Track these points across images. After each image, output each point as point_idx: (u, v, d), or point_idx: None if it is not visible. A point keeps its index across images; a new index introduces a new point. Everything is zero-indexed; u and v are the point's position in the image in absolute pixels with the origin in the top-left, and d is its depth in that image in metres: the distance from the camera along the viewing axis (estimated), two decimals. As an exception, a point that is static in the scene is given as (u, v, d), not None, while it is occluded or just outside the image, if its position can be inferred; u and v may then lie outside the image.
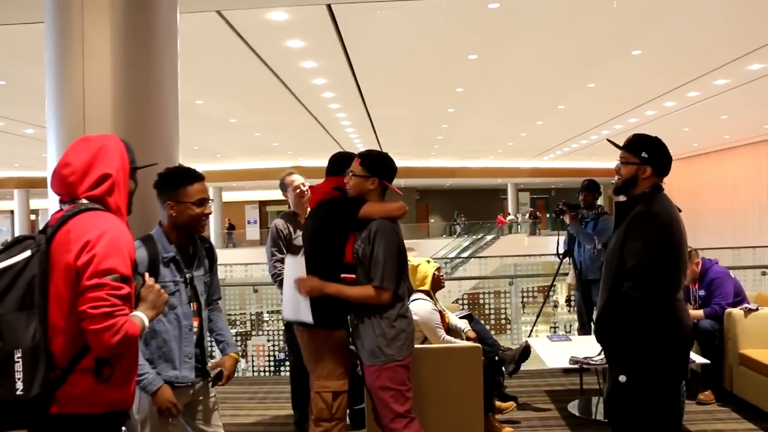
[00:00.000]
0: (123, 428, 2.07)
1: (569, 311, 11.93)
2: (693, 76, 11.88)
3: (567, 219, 6.12)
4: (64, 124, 3.56)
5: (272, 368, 8.49)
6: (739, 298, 5.37)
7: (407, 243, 4.45)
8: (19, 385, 1.83)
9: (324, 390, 3.44)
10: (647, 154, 3.08)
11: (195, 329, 2.86)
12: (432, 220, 43.35)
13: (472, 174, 31.95)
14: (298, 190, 4.60)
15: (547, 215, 39.36)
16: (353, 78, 11.42)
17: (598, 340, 3.20)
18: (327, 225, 3.48)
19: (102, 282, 1.90)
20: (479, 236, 33.53)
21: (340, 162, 3.73)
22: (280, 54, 9.60)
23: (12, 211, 33.52)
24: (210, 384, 2.96)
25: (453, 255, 25.60)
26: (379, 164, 3.39)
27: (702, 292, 5.38)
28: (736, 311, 5.17)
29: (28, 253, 1.95)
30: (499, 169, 31.44)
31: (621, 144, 3.26)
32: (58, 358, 1.94)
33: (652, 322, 2.94)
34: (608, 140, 3.42)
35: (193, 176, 2.82)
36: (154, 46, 3.74)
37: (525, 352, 4.79)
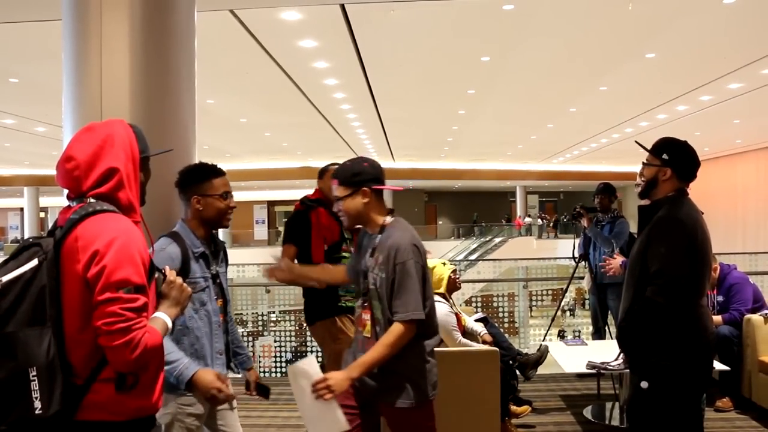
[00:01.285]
0: None
1: (572, 316, 11.90)
2: (706, 80, 11.80)
3: (585, 222, 6.08)
4: (81, 122, 3.51)
5: (281, 369, 8.47)
6: (758, 304, 5.31)
7: None
8: (37, 404, 1.74)
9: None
10: (668, 156, 3.03)
11: (221, 325, 2.83)
12: (440, 222, 43.30)
13: (481, 176, 31.86)
14: None
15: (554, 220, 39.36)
16: (365, 78, 11.39)
17: (620, 345, 3.15)
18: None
19: (115, 296, 1.77)
20: (488, 239, 33.50)
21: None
22: (292, 54, 9.58)
23: (22, 209, 33.62)
24: (263, 396, 3.02)
25: (461, 257, 25.53)
26: (359, 174, 2.81)
27: (720, 298, 5.32)
28: (756, 317, 5.11)
29: (35, 262, 1.82)
30: (508, 171, 31.34)
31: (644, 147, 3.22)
32: (79, 368, 1.84)
33: (676, 328, 2.89)
34: (636, 142, 3.37)
35: (216, 170, 2.86)
36: (172, 45, 3.71)
37: (543, 355, 4.78)
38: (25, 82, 10.97)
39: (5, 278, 1.78)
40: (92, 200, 1.93)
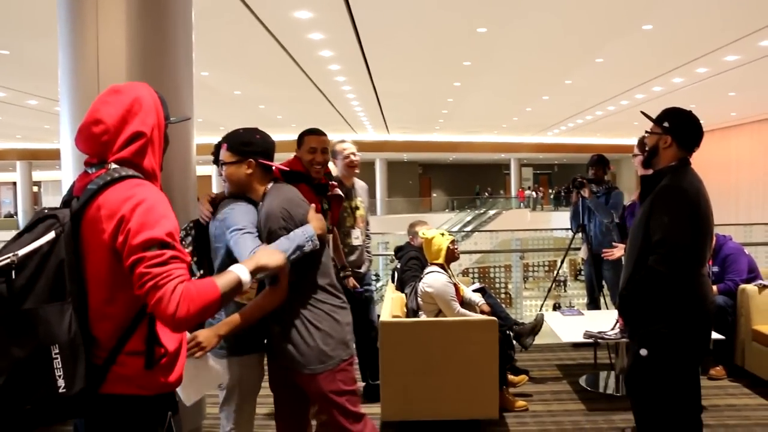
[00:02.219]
0: (169, 413, 1.94)
1: (564, 290, 11.98)
2: (703, 52, 11.77)
3: (586, 192, 6.09)
4: (78, 95, 3.50)
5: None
6: (752, 275, 5.36)
7: (412, 217, 4.30)
8: (61, 382, 1.68)
9: None
10: (669, 124, 3.05)
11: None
12: (435, 195, 43.32)
13: (476, 149, 31.84)
14: (347, 159, 4.55)
15: (550, 191, 39.46)
16: (360, 50, 11.31)
17: (621, 313, 3.19)
18: None
19: (139, 257, 1.70)
20: (482, 211, 33.58)
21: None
22: (288, 25, 9.49)
23: (14, 183, 33.48)
24: None
25: (456, 229, 25.58)
26: (249, 144, 2.71)
27: (716, 268, 5.37)
28: (750, 287, 5.16)
29: (51, 235, 1.74)
30: (503, 144, 31.32)
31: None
32: (104, 342, 1.79)
33: (677, 296, 2.92)
34: (642, 112, 3.38)
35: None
36: (169, 16, 3.68)
37: (539, 323, 4.82)
38: (16, 54, 10.84)
39: (21, 252, 1.70)
40: (113, 166, 1.85)
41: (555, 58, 12.35)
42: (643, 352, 2.99)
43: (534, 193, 38.55)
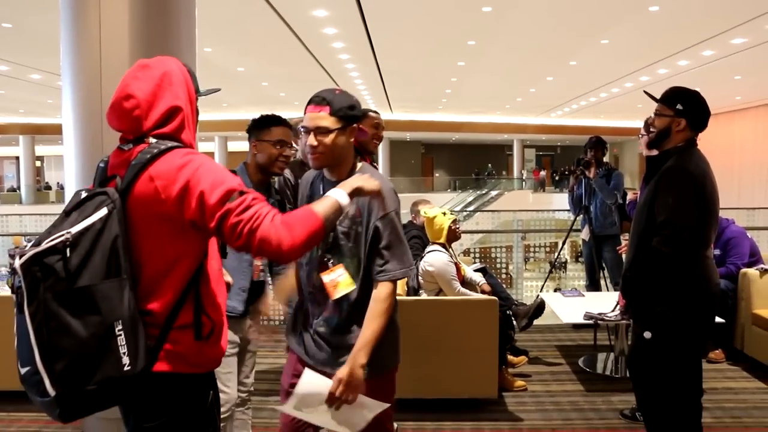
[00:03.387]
0: (211, 392, 1.91)
1: (564, 271, 12.00)
2: (710, 34, 11.68)
3: (591, 173, 6.07)
4: (80, 69, 3.48)
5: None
6: (754, 258, 5.36)
7: (414, 196, 4.21)
8: (126, 359, 1.65)
9: None
10: (682, 106, 3.00)
11: (251, 264, 2.98)
12: (437, 174, 43.27)
13: (479, 129, 31.72)
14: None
15: (554, 174, 39.44)
16: (364, 28, 11.24)
17: (624, 295, 3.18)
18: None
19: (224, 211, 1.69)
20: (484, 191, 33.56)
21: None
22: (292, 2, 9.43)
23: (17, 158, 33.44)
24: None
25: (458, 209, 25.58)
26: (355, 108, 2.32)
27: (717, 252, 5.36)
28: (752, 271, 5.16)
29: (104, 212, 1.70)
30: (506, 125, 31.19)
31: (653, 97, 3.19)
32: (155, 319, 1.77)
33: (681, 278, 2.91)
34: (645, 92, 3.34)
35: (278, 120, 3.06)
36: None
37: (539, 308, 4.80)
38: (19, 27, 10.79)
39: (74, 230, 1.66)
40: (153, 140, 1.82)
41: (560, 39, 12.27)
42: (647, 334, 2.98)
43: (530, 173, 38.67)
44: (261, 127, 3.03)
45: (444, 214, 4.76)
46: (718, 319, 4.58)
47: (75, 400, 1.63)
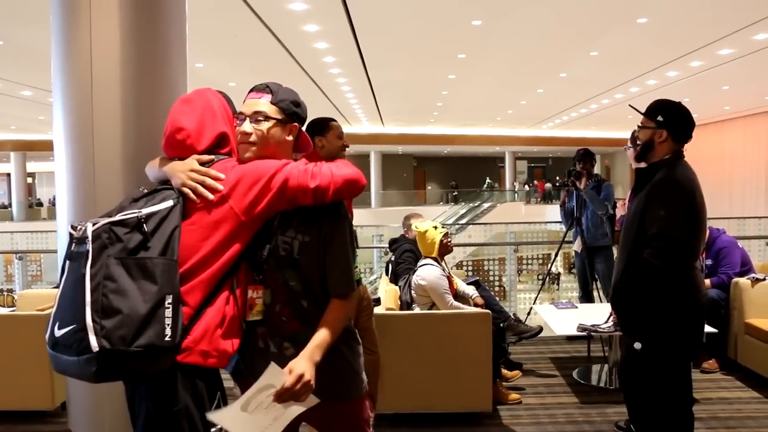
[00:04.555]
0: (219, 392, 2.00)
1: (557, 287, 12.01)
2: (698, 45, 11.77)
3: (581, 183, 6.09)
4: (71, 85, 3.48)
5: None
6: (746, 268, 5.38)
7: (407, 209, 4.21)
8: (168, 331, 1.81)
9: None
10: (663, 118, 3.04)
11: None
12: (429, 187, 43.32)
13: (471, 141, 31.83)
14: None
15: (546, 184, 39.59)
16: (355, 43, 11.28)
17: (615, 307, 3.19)
18: None
19: (288, 175, 1.95)
20: (476, 204, 33.60)
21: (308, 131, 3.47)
22: (282, 17, 9.45)
23: (8, 174, 33.32)
24: None
25: (450, 222, 25.61)
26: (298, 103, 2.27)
27: (709, 261, 5.38)
28: (743, 281, 5.18)
29: (170, 203, 1.95)
30: (498, 137, 31.30)
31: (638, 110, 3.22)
32: (188, 308, 1.91)
33: (671, 290, 2.93)
34: (630, 105, 3.37)
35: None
36: (163, 6, 3.66)
37: (535, 334, 4.85)
38: (11, 44, 10.78)
39: (145, 211, 1.90)
40: (213, 156, 2.07)
41: (550, 51, 12.34)
42: (637, 345, 2.99)
43: (525, 186, 38.87)
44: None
45: (435, 228, 4.76)
46: (710, 329, 4.60)
47: (115, 359, 1.75)
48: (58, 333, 1.79)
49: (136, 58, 3.50)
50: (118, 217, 1.86)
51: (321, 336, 1.97)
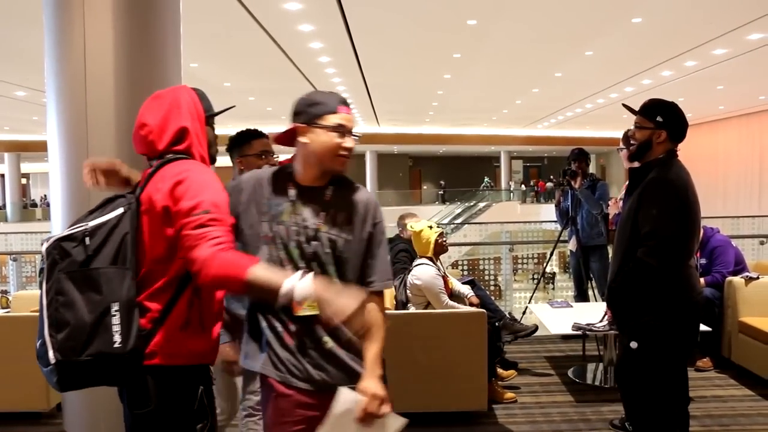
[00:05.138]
0: (201, 387, 2.03)
1: (553, 287, 12.05)
2: (692, 45, 11.82)
3: (576, 183, 6.09)
4: (65, 86, 3.47)
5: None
6: (739, 267, 5.40)
7: (402, 209, 4.22)
8: (117, 338, 1.85)
9: None
10: (662, 119, 3.04)
11: None
12: (425, 187, 43.32)
13: (466, 141, 31.87)
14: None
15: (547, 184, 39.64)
16: (350, 42, 11.28)
17: (610, 306, 3.20)
18: None
19: (184, 222, 1.89)
20: (472, 203, 33.62)
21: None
22: (277, 16, 9.45)
23: (2, 175, 33.21)
24: None
25: (446, 221, 25.63)
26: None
27: (703, 261, 5.40)
28: (737, 279, 5.20)
29: (120, 211, 1.97)
30: (493, 136, 31.33)
31: (632, 110, 3.22)
32: (151, 309, 1.95)
33: (666, 289, 2.94)
34: (624, 105, 3.37)
35: (256, 133, 3.19)
36: (157, 6, 3.66)
37: (531, 333, 4.86)
38: (4, 44, 10.75)
39: (92, 223, 1.94)
40: (170, 155, 2.07)
41: (545, 51, 12.36)
42: (633, 344, 3.00)
43: (521, 186, 38.97)
44: (241, 143, 3.13)
45: (430, 227, 4.77)
46: (704, 328, 4.62)
47: (71, 369, 1.84)
48: (37, 345, 1.89)
49: (129, 58, 3.50)
50: (66, 232, 1.93)
51: (374, 348, 2.08)
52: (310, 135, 2.11)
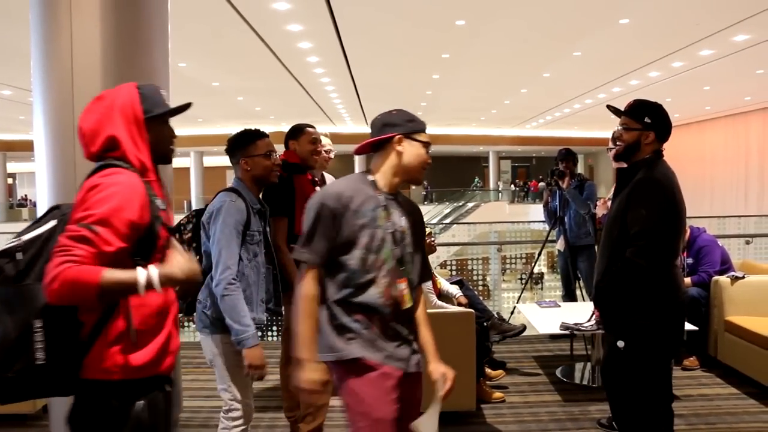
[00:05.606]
0: (142, 401, 1.96)
1: (541, 287, 12.08)
2: (679, 46, 11.91)
3: (564, 183, 6.11)
4: (51, 85, 3.45)
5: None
6: (726, 266, 5.43)
7: None
8: (40, 354, 1.81)
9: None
10: (650, 119, 3.05)
11: (266, 276, 3.12)
12: (413, 187, 43.29)
13: (455, 141, 31.93)
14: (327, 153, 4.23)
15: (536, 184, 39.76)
16: (339, 42, 11.29)
17: (597, 305, 3.21)
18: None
19: (66, 229, 1.80)
20: (461, 203, 33.67)
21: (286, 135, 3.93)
22: (266, 16, 9.45)
23: (-13, 175, 32.90)
24: None
25: (435, 221, 25.66)
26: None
27: (690, 260, 5.43)
28: (723, 279, 5.23)
29: (53, 223, 1.93)
30: (482, 136, 31.46)
31: (617, 111, 3.22)
32: (84, 324, 1.89)
33: (653, 288, 2.95)
34: (608, 106, 3.37)
35: (259, 133, 3.13)
36: (144, 5, 3.64)
37: (519, 333, 4.87)
38: (-11, 43, 10.69)
39: (25, 237, 1.89)
40: (102, 163, 1.99)
41: (533, 51, 12.42)
42: (620, 343, 3.01)
43: (511, 186, 39.11)
44: (245, 144, 3.10)
45: (419, 226, 4.77)
46: (690, 327, 4.65)
47: (2, 384, 1.81)
48: None
49: (117, 57, 3.48)
50: (2, 247, 1.88)
51: (431, 337, 2.57)
52: (405, 145, 2.44)
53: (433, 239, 4.82)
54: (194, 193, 29.70)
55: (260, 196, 3.18)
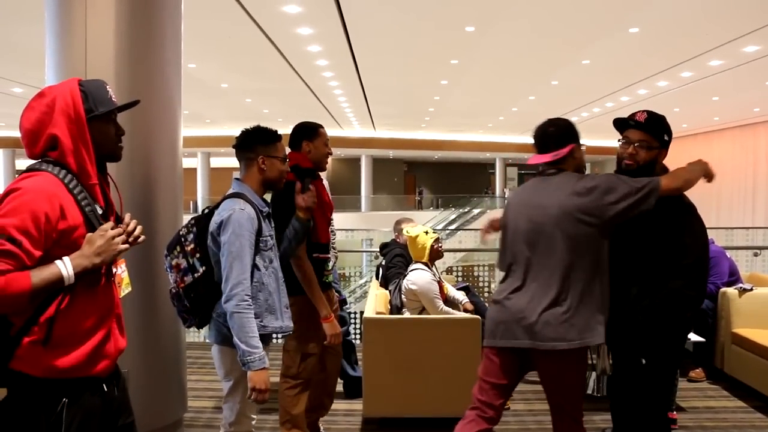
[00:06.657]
0: (65, 399, 1.95)
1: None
2: (688, 56, 11.87)
3: None
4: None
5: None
6: (733, 278, 5.41)
7: (397, 214, 4.22)
8: None
9: (293, 349, 3.48)
10: (668, 137, 2.95)
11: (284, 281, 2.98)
12: (418, 194, 43.30)
13: (461, 147, 31.90)
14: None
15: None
16: (348, 46, 11.30)
17: (630, 325, 2.95)
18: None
19: None
20: (467, 209, 33.63)
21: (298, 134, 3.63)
22: (276, 19, 9.46)
23: (-4, 172, 33.02)
24: None
25: (440, 227, 25.64)
26: None
27: (697, 271, 5.41)
28: (731, 291, 5.21)
29: None
30: (489, 143, 31.38)
31: (616, 121, 3.08)
32: (13, 326, 1.90)
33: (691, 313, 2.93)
34: (614, 122, 3.13)
35: (278, 134, 2.92)
36: (158, 7, 3.67)
37: None
38: (2, 40, 10.72)
39: None
40: (34, 164, 1.96)
41: (542, 59, 12.41)
42: (644, 360, 2.93)
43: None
44: (267, 142, 2.88)
45: (426, 233, 4.77)
46: (697, 338, 4.63)
47: None
48: None
49: (130, 58, 3.51)
50: None
51: None
52: (577, 154, 2.96)
53: (440, 245, 4.81)
54: (201, 194, 29.73)
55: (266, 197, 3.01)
